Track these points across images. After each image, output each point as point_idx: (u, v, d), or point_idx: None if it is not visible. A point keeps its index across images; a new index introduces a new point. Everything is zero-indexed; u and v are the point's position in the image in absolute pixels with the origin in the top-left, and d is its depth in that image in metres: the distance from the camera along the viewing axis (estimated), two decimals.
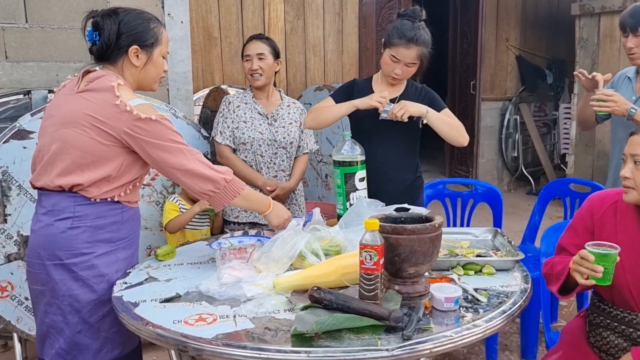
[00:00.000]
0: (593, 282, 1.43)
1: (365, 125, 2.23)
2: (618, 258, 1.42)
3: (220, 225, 2.59)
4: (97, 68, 1.69)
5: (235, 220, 2.54)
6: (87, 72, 1.67)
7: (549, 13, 6.81)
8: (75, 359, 1.63)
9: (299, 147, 2.61)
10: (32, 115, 2.36)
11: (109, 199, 1.64)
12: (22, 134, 2.32)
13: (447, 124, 2.17)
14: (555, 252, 1.76)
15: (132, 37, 1.65)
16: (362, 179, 2.07)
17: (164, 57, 1.75)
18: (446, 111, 2.26)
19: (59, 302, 1.62)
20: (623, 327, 1.56)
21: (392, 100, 2.20)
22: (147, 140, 1.59)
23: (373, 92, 2.25)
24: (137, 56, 1.67)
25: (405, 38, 2.10)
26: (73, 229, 1.60)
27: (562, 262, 1.60)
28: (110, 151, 1.60)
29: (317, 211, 1.92)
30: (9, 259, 2.35)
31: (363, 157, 2.07)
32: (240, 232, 2.14)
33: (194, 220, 2.52)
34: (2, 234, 2.32)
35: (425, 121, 2.13)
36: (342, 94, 2.30)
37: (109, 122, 1.57)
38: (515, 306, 1.42)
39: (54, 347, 1.64)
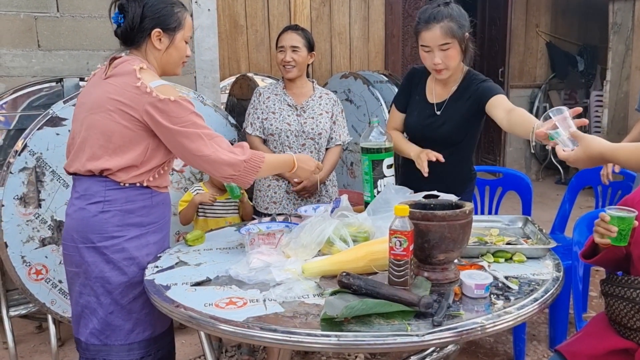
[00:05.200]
0: (608, 241, 1.50)
1: (411, 131, 2.20)
2: (636, 223, 1.48)
3: (250, 212, 2.60)
4: (123, 54, 1.72)
5: (265, 211, 2.55)
6: (114, 58, 1.70)
7: None
8: (108, 339, 1.68)
9: (331, 138, 2.59)
10: (64, 102, 2.41)
11: (138, 184, 1.67)
12: (55, 121, 2.37)
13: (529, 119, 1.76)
14: None
15: (156, 21, 1.68)
16: (389, 166, 2.05)
17: (186, 42, 1.77)
18: (502, 97, 1.99)
19: (92, 284, 1.66)
20: (632, 290, 1.55)
21: (440, 105, 2.13)
22: (165, 125, 1.60)
23: (424, 89, 2.18)
24: (160, 39, 1.70)
25: (423, 21, 1.98)
26: (104, 212, 1.64)
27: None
28: (134, 135, 1.62)
29: (344, 198, 1.91)
30: (43, 242, 2.41)
31: (391, 144, 2.05)
32: (269, 218, 2.15)
33: (216, 208, 2.53)
34: (36, 218, 2.39)
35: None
36: (402, 94, 2.26)
37: (131, 104, 1.60)
38: (547, 294, 1.40)
39: (88, 327, 1.69)
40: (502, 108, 1.95)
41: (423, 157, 2.02)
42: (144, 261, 1.69)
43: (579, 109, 1.53)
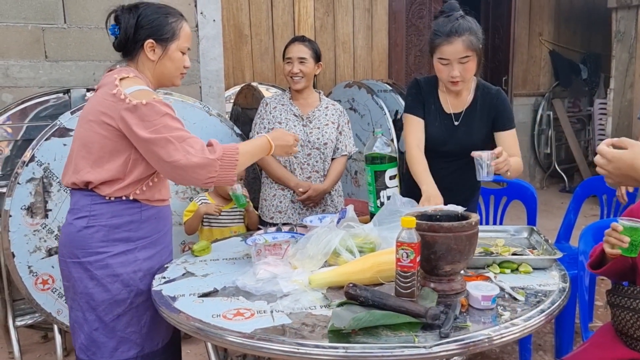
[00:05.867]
0: (619, 251, 1.48)
1: (431, 142, 2.14)
2: None
3: (255, 221, 2.59)
4: (118, 66, 1.72)
5: (270, 221, 2.56)
6: (110, 70, 1.70)
7: (584, 6, 6.65)
8: (94, 355, 1.66)
9: (337, 148, 2.61)
10: (71, 113, 2.43)
11: (124, 198, 1.63)
12: (62, 132, 2.39)
13: (515, 172, 2.02)
14: None
15: (148, 31, 1.65)
16: (392, 177, 2.06)
17: (183, 53, 1.72)
18: (512, 133, 2.12)
19: (78, 299, 1.65)
20: (638, 301, 1.55)
21: (457, 115, 2.12)
22: (137, 133, 1.53)
23: (438, 99, 2.14)
24: (153, 50, 1.66)
25: (444, 34, 1.94)
26: (88, 227, 1.61)
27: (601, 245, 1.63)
28: (114, 145, 1.59)
29: (350, 208, 1.92)
30: (49, 252, 2.42)
31: (395, 155, 2.06)
32: (274, 228, 2.16)
33: (221, 218, 2.54)
34: (43, 228, 2.40)
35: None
36: (416, 103, 2.15)
37: (108, 112, 1.56)
38: (554, 305, 1.40)
39: (77, 342, 1.68)
40: (505, 148, 1.99)
41: (425, 203, 1.91)
42: (129, 278, 1.65)
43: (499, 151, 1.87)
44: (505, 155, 1.87)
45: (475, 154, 1.86)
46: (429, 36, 2.04)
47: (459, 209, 1.63)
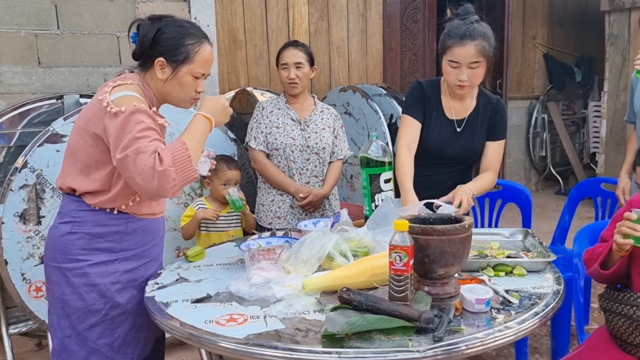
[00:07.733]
0: (631, 241, 1.48)
1: (432, 148, 2.14)
2: None
3: (253, 224, 2.58)
4: (127, 71, 1.69)
5: (269, 226, 2.55)
6: (118, 75, 1.68)
7: (577, 9, 6.68)
8: None
9: (332, 152, 2.61)
10: (64, 119, 2.42)
11: (108, 210, 1.60)
12: (55, 138, 2.38)
13: (483, 191, 2.11)
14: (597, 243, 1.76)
15: (162, 49, 1.60)
16: (387, 181, 2.06)
17: (196, 77, 1.64)
18: (500, 144, 2.18)
19: (54, 303, 1.64)
20: (629, 307, 1.54)
21: (460, 122, 2.13)
22: (113, 154, 1.46)
23: (441, 105, 2.14)
24: (163, 69, 1.61)
25: (457, 36, 1.91)
26: (71, 234, 1.59)
27: (604, 245, 1.63)
28: (99, 155, 1.55)
29: (344, 212, 1.92)
30: (43, 260, 2.40)
31: (390, 159, 2.06)
32: (268, 233, 2.15)
33: (219, 222, 2.53)
34: (36, 235, 2.39)
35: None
36: (416, 105, 2.13)
37: (94, 120, 1.52)
38: (548, 308, 1.40)
39: (51, 345, 1.67)
40: (487, 159, 2.16)
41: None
42: (106, 289, 1.61)
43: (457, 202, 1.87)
44: (465, 205, 1.89)
45: (437, 203, 1.84)
46: (441, 37, 1.99)
47: (452, 211, 1.63)
